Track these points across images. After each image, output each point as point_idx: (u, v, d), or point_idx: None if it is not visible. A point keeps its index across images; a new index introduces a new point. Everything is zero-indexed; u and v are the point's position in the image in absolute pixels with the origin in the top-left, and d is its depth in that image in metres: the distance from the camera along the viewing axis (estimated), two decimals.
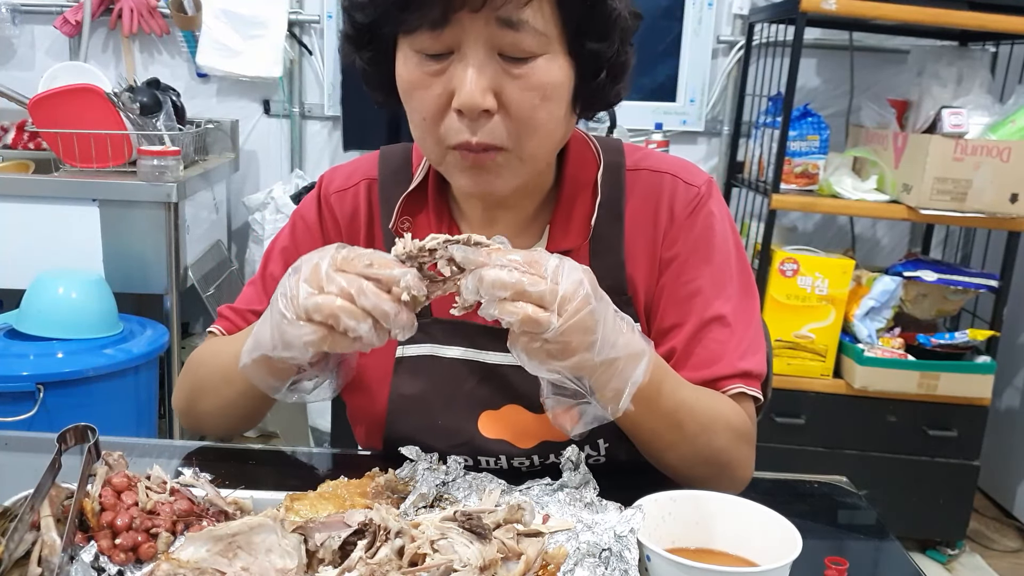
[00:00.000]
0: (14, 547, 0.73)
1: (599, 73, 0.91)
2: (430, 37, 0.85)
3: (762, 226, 2.55)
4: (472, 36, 0.84)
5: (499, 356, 1.01)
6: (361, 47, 0.94)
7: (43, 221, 2.30)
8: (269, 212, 2.88)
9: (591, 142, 1.06)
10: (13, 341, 2.15)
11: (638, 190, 1.04)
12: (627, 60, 0.93)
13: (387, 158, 1.10)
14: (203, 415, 1.07)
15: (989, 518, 2.92)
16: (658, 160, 1.06)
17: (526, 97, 0.87)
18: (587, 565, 0.74)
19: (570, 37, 0.88)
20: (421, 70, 0.88)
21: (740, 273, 1.03)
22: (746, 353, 1.00)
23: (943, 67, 2.58)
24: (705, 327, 1.00)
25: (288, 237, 1.11)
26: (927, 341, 2.52)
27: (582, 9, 0.86)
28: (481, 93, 0.85)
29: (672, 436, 0.93)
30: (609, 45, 0.89)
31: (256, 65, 2.89)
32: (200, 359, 1.08)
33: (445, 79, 0.87)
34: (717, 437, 0.94)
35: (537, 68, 0.86)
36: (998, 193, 2.37)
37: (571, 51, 0.88)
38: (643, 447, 0.97)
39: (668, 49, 3.11)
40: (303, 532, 0.77)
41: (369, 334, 0.77)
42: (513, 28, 0.83)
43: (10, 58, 3.03)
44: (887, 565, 0.95)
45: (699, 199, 1.03)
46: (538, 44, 0.85)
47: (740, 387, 0.99)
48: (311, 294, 0.77)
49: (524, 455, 1.02)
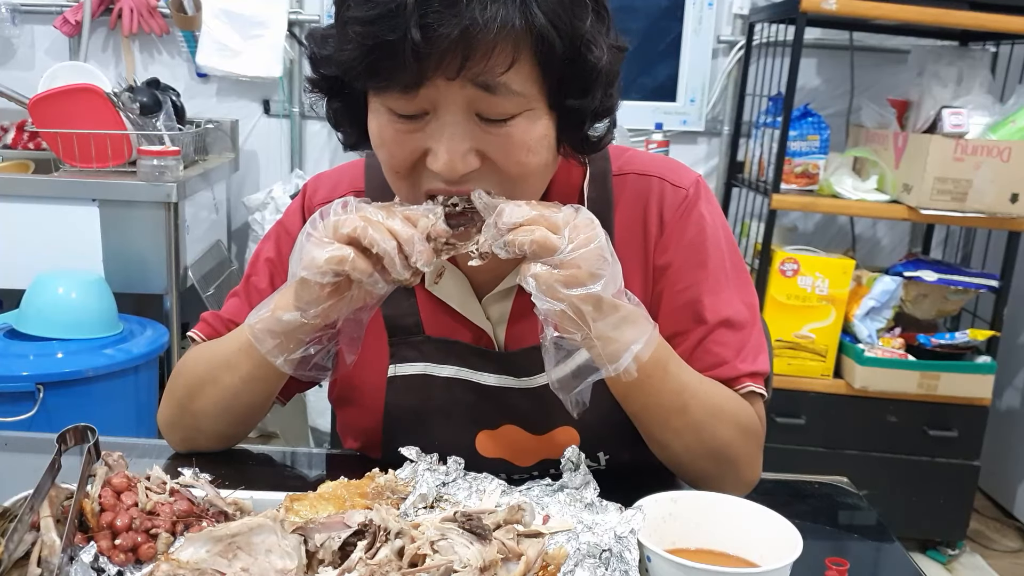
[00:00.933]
0: (14, 547, 0.73)
1: (583, 124, 0.88)
2: (403, 99, 0.81)
3: (762, 226, 2.54)
4: (448, 100, 0.80)
5: (494, 378, 1.00)
6: (330, 96, 0.90)
7: (43, 221, 2.30)
8: (269, 212, 2.88)
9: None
10: (13, 341, 2.15)
11: (626, 196, 1.02)
12: (611, 104, 0.90)
13: (373, 169, 1.06)
14: (200, 414, 1.02)
15: (989, 518, 2.92)
16: (644, 162, 1.04)
17: (511, 154, 0.83)
18: (587, 566, 0.74)
19: (551, 93, 0.83)
20: (394, 128, 0.83)
21: (736, 273, 1.02)
22: (750, 354, 0.99)
23: (943, 67, 2.58)
24: (708, 333, 0.98)
25: (273, 248, 1.08)
26: (927, 341, 2.52)
27: (562, 68, 0.81)
28: (460, 159, 0.82)
29: (677, 421, 0.92)
30: (592, 99, 0.85)
31: (256, 65, 2.89)
32: (191, 361, 1.04)
33: (420, 138, 0.83)
34: (723, 428, 0.93)
35: (518, 126, 0.82)
36: (998, 193, 2.37)
37: (552, 105, 0.84)
38: (648, 433, 0.95)
39: (668, 49, 3.10)
40: (303, 533, 0.76)
41: (392, 255, 0.79)
42: (491, 92, 0.79)
43: (10, 58, 3.03)
44: (887, 565, 0.95)
45: (688, 202, 1.00)
46: (517, 105, 0.81)
47: (749, 385, 0.98)
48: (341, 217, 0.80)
49: (524, 472, 1.02)
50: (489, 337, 1.01)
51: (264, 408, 1.04)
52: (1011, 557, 2.73)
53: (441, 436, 1.00)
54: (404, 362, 1.02)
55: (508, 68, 0.78)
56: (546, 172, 0.90)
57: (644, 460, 1.02)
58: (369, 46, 0.77)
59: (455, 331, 1.01)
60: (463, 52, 0.76)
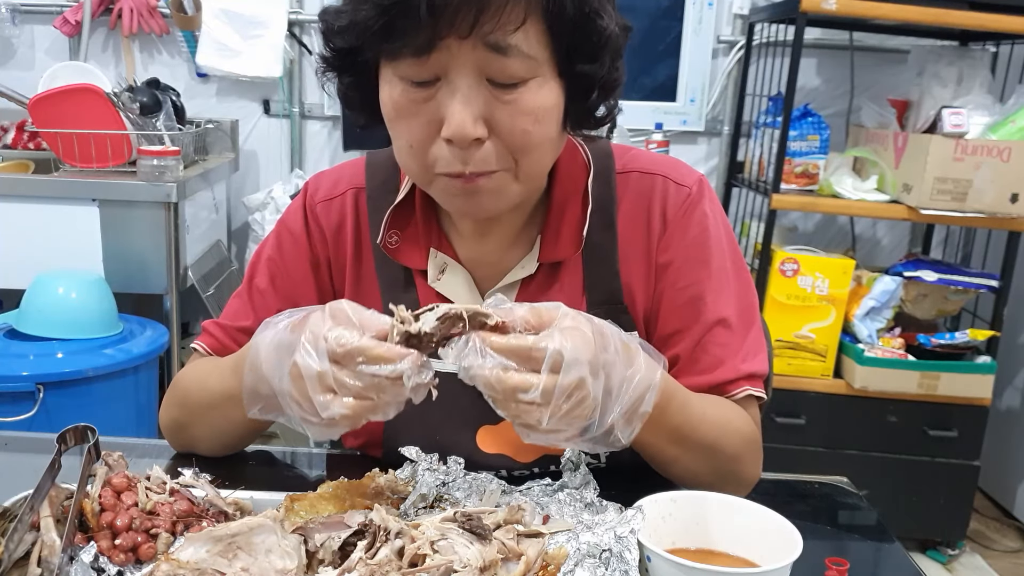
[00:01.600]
0: (14, 547, 0.73)
1: (590, 93, 0.89)
2: (415, 64, 0.82)
3: (762, 226, 2.54)
4: (459, 63, 0.81)
5: None
6: (342, 71, 0.91)
7: (43, 221, 2.30)
8: (269, 212, 2.88)
9: (580, 147, 1.04)
10: (13, 341, 2.15)
11: (629, 194, 1.02)
12: (618, 77, 0.91)
13: (374, 166, 1.07)
14: (196, 440, 1.04)
15: (989, 518, 2.92)
16: (647, 161, 1.04)
17: (518, 122, 0.84)
18: (587, 566, 0.74)
19: (560, 59, 0.85)
20: (407, 97, 0.85)
21: (737, 273, 1.02)
22: (749, 355, 0.99)
23: (943, 67, 2.58)
24: (708, 332, 0.99)
25: (274, 247, 1.08)
26: (927, 341, 2.52)
27: (572, 31, 0.83)
28: (472, 122, 0.82)
29: (677, 451, 0.92)
30: (600, 66, 0.86)
31: (256, 65, 2.89)
32: (186, 384, 1.04)
33: (432, 106, 0.84)
34: (725, 448, 0.94)
35: (527, 93, 0.83)
36: (998, 193, 2.37)
37: (561, 73, 0.86)
38: (649, 461, 0.96)
39: (668, 49, 3.11)
40: (303, 533, 0.77)
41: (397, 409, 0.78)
42: (502, 53, 0.81)
43: (10, 58, 3.03)
44: (887, 565, 0.95)
45: (691, 200, 1.01)
46: (527, 68, 0.82)
47: (747, 389, 0.98)
48: (327, 402, 0.75)
49: (524, 468, 1.02)
50: None
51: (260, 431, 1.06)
52: (1011, 557, 2.73)
53: (443, 433, 1.01)
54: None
55: (518, 27, 0.80)
56: (551, 148, 0.91)
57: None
58: (385, 5, 0.79)
59: None
60: (476, 9, 0.78)
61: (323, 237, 1.06)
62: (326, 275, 1.07)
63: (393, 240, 1.01)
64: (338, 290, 1.07)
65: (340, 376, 0.74)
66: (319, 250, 1.06)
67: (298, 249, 1.06)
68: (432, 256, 1.02)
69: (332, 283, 1.07)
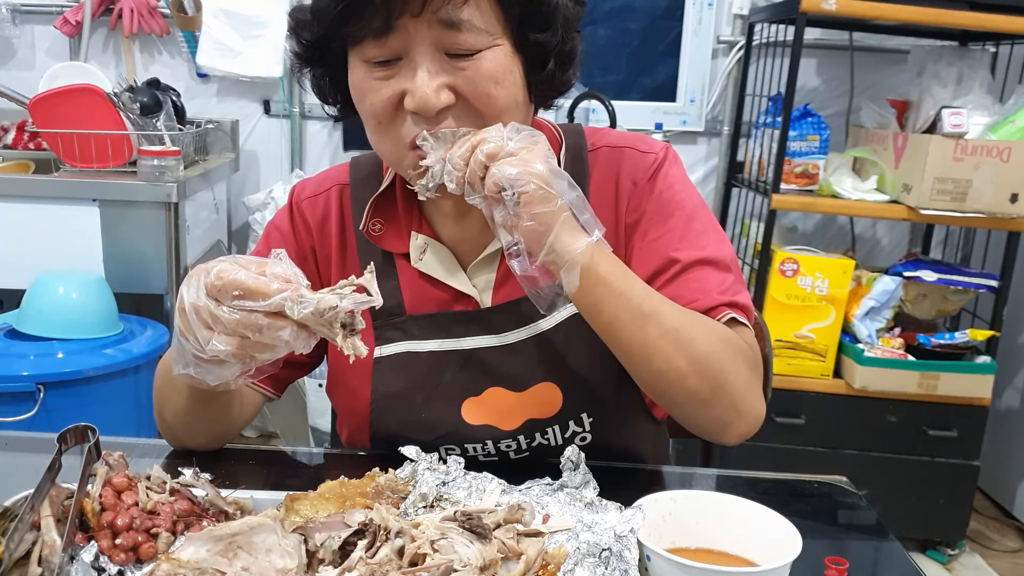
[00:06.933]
0: (14, 547, 0.73)
1: (547, 62, 0.94)
2: (376, 45, 0.88)
3: (762, 226, 2.54)
4: (417, 40, 0.87)
5: (475, 340, 1.02)
6: (312, 63, 0.97)
7: (43, 221, 2.30)
8: (269, 212, 2.88)
9: (552, 127, 1.08)
10: (13, 341, 2.14)
11: (599, 168, 1.06)
12: (574, 47, 0.96)
13: (357, 165, 1.12)
14: (170, 425, 1.04)
15: (989, 518, 2.92)
16: (615, 137, 1.09)
17: (480, 86, 0.89)
18: (587, 565, 0.74)
19: (513, 30, 0.91)
20: (371, 76, 0.90)
21: (710, 227, 1.03)
22: (729, 289, 0.99)
23: (943, 67, 2.58)
24: (684, 271, 0.99)
25: (265, 249, 1.10)
26: (927, 341, 2.52)
27: (521, 3, 0.89)
28: (435, 92, 0.88)
29: (651, 329, 0.90)
30: (552, 34, 0.92)
31: (256, 65, 2.89)
32: (159, 370, 1.06)
33: (396, 82, 0.90)
34: (701, 335, 0.91)
35: (484, 59, 0.89)
36: (998, 193, 2.37)
37: (516, 44, 0.91)
38: (627, 352, 0.92)
39: (668, 49, 3.11)
40: (303, 532, 0.77)
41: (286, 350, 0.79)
42: (455, 28, 0.87)
43: (10, 58, 3.03)
44: (887, 565, 0.95)
45: (657, 163, 1.05)
46: (481, 40, 0.88)
47: (730, 313, 0.97)
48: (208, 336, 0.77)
49: (510, 437, 1.03)
50: (476, 303, 1.05)
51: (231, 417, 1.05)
52: (1011, 557, 2.74)
53: (428, 410, 1.03)
54: (388, 343, 1.04)
55: (466, 1, 0.86)
56: (517, 112, 0.94)
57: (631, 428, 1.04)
58: None
59: (443, 303, 1.05)
60: None
61: (308, 230, 1.10)
62: (312, 267, 1.10)
63: (376, 228, 1.06)
64: (324, 280, 1.10)
65: (215, 311, 0.76)
66: (305, 242, 1.10)
67: (285, 242, 1.09)
68: (413, 238, 1.06)
69: (319, 274, 1.11)
